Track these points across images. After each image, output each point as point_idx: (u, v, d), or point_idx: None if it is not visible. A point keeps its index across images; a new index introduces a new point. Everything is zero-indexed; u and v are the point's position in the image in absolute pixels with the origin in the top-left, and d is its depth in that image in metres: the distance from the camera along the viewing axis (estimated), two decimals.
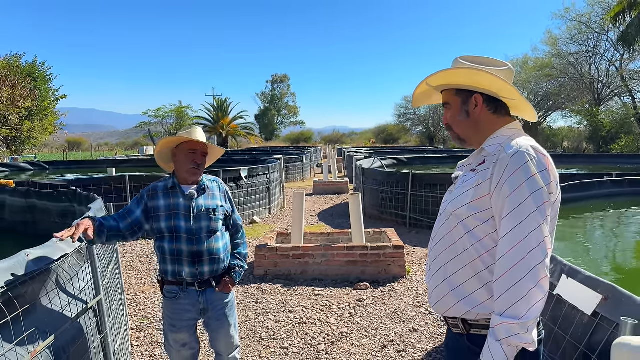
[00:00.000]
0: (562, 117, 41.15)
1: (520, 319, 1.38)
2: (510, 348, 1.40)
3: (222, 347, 2.79)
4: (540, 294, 1.40)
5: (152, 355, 3.89)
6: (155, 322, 4.57)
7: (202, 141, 2.63)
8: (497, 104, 1.66)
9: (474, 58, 1.70)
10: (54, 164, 16.99)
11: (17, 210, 6.17)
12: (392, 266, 5.92)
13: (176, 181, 2.68)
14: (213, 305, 2.69)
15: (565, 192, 6.03)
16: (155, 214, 2.61)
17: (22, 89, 20.30)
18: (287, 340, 4.12)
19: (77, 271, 2.73)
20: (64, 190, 5.43)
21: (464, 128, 1.69)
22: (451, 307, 1.60)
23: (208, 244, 2.61)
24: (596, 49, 32.37)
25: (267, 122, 70.70)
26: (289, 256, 6.05)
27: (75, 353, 2.48)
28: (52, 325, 2.30)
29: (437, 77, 1.67)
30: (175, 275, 2.60)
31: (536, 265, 1.40)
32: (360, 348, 3.99)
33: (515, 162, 1.46)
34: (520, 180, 1.44)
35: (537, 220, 1.42)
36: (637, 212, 5.93)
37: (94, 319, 2.81)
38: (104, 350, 2.88)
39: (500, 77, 1.57)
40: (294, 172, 19.65)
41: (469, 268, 1.56)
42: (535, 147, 1.50)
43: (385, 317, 4.64)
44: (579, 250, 4.32)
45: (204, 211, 2.63)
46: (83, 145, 67.23)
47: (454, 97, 1.70)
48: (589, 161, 17.93)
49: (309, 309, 4.84)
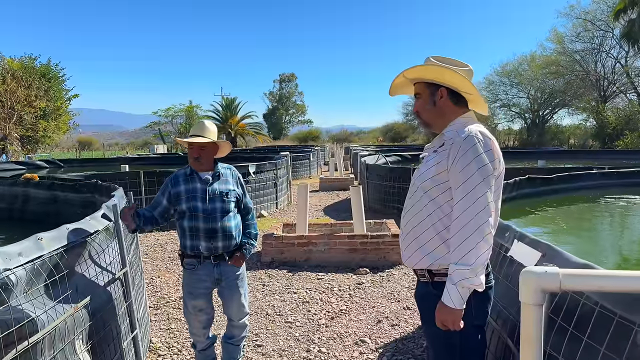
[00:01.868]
0: (569, 115, 41.20)
1: (470, 266, 1.77)
2: (464, 289, 1.79)
3: (234, 314, 3.20)
4: (485, 246, 1.79)
5: (168, 328, 4.32)
6: (171, 301, 4.99)
7: (190, 141, 3.03)
8: (458, 97, 2.04)
9: (443, 58, 2.09)
10: (68, 161, 17.54)
11: (40, 202, 6.63)
12: (390, 253, 6.30)
13: (194, 169, 3.10)
14: (226, 276, 3.10)
15: (555, 184, 6.38)
16: (177, 197, 3.03)
17: (38, 90, 20.90)
18: (291, 316, 4.53)
19: (105, 247, 3.15)
20: (85, 182, 5.86)
21: (430, 115, 2.07)
22: (419, 261, 1.99)
23: (222, 222, 3.02)
24: (602, 46, 32.49)
25: (275, 121, 71.20)
26: (294, 244, 6.45)
27: (106, 315, 2.91)
28: (87, 289, 2.73)
29: (412, 70, 2.06)
30: (194, 249, 3.01)
31: (482, 224, 1.78)
32: (358, 322, 4.38)
33: (466, 144, 1.85)
34: (470, 158, 1.82)
35: (482, 189, 1.81)
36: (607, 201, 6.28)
37: (121, 288, 3.23)
38: (129, 316, 3.31)
39: (460, 74, 1.95)
40: (301, 169, 20.06)
41: (432, 229, 1.95)
42: (482, 132, 1.89)
43: (382, 297, 5.03)
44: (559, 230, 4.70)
45: (218, 194, 3.05)
46: (94, 145, 67.95)
47: (424, 89, 2.08)
48: (591, 157, 18.17)
49: (312, 291, 5.24)
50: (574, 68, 34.26)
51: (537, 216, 5.22)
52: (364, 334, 4.12)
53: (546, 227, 4.85)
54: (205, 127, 3.13)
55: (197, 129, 3.12)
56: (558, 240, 4.25)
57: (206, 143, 3.08)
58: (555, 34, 35.47)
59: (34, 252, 2.29)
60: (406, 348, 3.84)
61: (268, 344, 3.94)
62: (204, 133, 3.09)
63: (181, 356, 3.76)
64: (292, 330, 4.22)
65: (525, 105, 43.64)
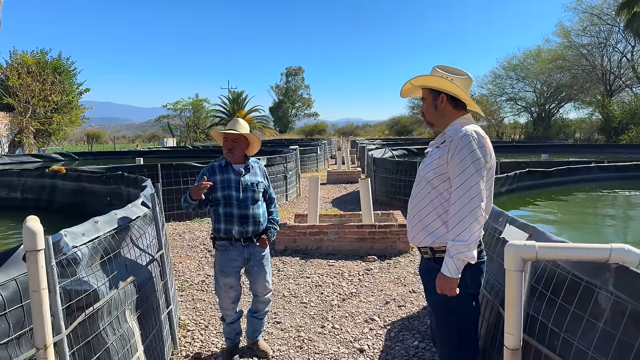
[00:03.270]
0: (575, 109, 41.34)
1: (465, 242, 2.14)
2: (459, 262, 2.16)
3: (259, 289, 3.59)
4: (477, 226, 2.15)
5: (194, 307, 4.72)
6: (194, 284, 5.39)
7: (226, 132, 3.41)
8: (456, 102, 2.40)
9: (446, 67, 2.45)
10: (82, 154, 18.02)
11: (67, 193, 7.04)
12: (397, 242, 6.68)
13: (228, 161, 3.47)
14: (254, 257, 3.49)
15: (554, 177, 6.72)
16: (213, 186, 3.40)
17: (53, 85, 21.38)
18: (305, 297, 4.92)
19: (144, 232, 3.54)
20: (112, 174, 6.26)
21: (433, 116, 2.44)
22: (423, 239, 2.36)
23: (252, 209, 3.42)
24: (608, 40, 32.52)
25: (282, 114, 71.53)
26: (305, 233, 6.84)
27: (148, 290, 3.31)
28: (132, 268, 3.12)
29: (417, 79, 2.44)
30: (227, 233, 3.40)
31: (475, 207, 2.15)
32: (367, 303, 4.76)
33: (463, 141, 2.21)
34: (466, 153, 2.19)
35: (476, 179, 2.17)
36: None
37: (158, 268, 3.63)
38: (165, 293, 3.71)
39: (456, 85, 2.31)
40: (308, 162, 20.43)
41: (433, 212, 2.32)
42: (477, 132, 2.25)
43: (389, 282, 5.41)
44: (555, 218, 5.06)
45: (249, 185, 3.43)
46: (101, 138, 68.41)
47: (428, 95, 2.45)
48: (595, 151, 18.42)
49: (324, 276, 5.63)
50: (580, 62, 34.36)
51: (535, 206, 5.57)
52: (373, 314, 4.50)
53: (541, 215, 5.20)
54: (238, 123, 3.50)
55: (231, 125, 3.49)
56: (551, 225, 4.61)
57: (238, 135, 3.46)
58: (561, 28, 35.58)
59: (93, 233, 2.68)
60: (412, 326, 4.22)
61: (286, 321, 4.34)
62: (238, 128, 3.46)
63: (208, 331, 4.16)
64: (307, 310, 4.61)
65: (532, 99, 43.78)
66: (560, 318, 1.99)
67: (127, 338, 2.83)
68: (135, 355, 2.93)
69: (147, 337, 3.15)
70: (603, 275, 1.80)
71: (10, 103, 20.88)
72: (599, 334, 1.75)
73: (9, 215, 7.17)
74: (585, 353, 1.78)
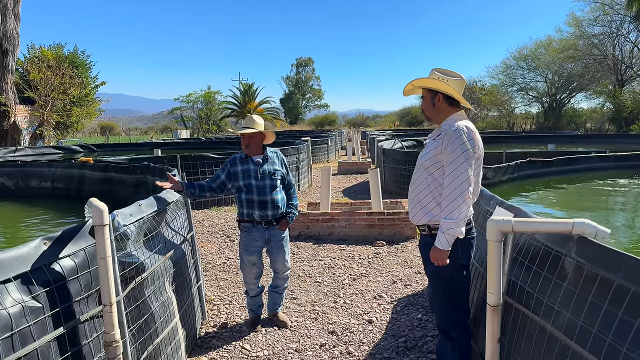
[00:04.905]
0: (586, 98, 41.20)
1: (454, 219, 2.53)
2: (449, 236, 2.56)
3: (279, 267, 4.03)
4: (465, 206, 2.55)
5: (218, 285, 5.18)
6: (217, 265, 5.85)
7: (251, 134, 3.80)
8: (451, 100, 2.78)
9: (443, 70, 2.83)
10: (101, 146, 18.60)
11: (95, 182, 7.52)
12: (405, 229, 7.08)
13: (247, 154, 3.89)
14: (274, 238, 3.92)
15: (554, 166, 7.06)
16: (235, 175, 3.83)
17: (72, 78, 22.00)
18: (319, 277, 5.36)
19: (176, 215, 3.98)
20: (138, 165, 6.72)
21: (431, 113, 2.83)
22: (421, 218, 2.77)
23: (271, 195, 3.83)
24: (619, 30, 32.37)
25: (292, 105, 71.86)
26: (318, 220, 7.26)
27: (182, 266, 3.75)
28: (169, 245, 3.55)
29: (417, 81, 2.83)
30: (249, 216, 3.83)
31: (463, 191, 2.54)
32: (376, 283, 5.18)
33: (455, 135, 2.60)
34: (457, 145, 2.58)
35: (465, 167, 2.56)
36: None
37: (189, 246, 4.07)
38: (195, 269, 4.16)
39: (451, 86, 2.70)
40: (319, 153, 20.82)
41: (429, 195, 2.72)
42: (467, 126, 2.64)
43: (396, 264, 5.82)
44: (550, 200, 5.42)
45: (267, 174, 3.84)
46: (114, 130, 69.18)
47: (427, 94, 2.84)
48: (605, 141, 18.59)
49: (336, 259, 6.05)
50: (592, 52, 34.26)
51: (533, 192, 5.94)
52: (381, 291, 4.92)
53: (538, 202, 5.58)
54: (253, 121, 3.90)
55: (246, 123, 3.89)
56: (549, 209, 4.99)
57: (253, 133, 3.86)
58: (572, 17, 35.45)
59: (138, 214, 3.12)
60: (416, 302, 4.63)
61: (302, 297, 4.77)
62: (252, 125, 3.86)
63: (232, 305, 4.61)
64: (320, 288, 5.04)
65: (543, 89, 43.69)
66: (534, 282, 2.38)
67: (167, 305, 3.28)
68: (173, 321, 3.38)
69: (182, 306, 3.60)
70: (567, 245, 2.18)
71: (32, 96, 21.53)
72: (563, 292, 2.14)
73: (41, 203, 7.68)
74: (552, 308, 2.18)
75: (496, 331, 2.34)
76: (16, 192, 8.40)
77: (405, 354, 3.60)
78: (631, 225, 5.18)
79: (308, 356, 3.61)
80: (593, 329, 1.85)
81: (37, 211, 7.38)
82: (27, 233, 6.40)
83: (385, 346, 3.74)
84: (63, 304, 2.20)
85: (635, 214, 5.64)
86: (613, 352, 1.72)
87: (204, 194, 3.95)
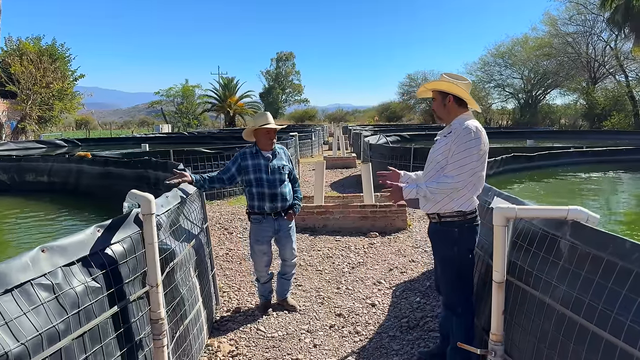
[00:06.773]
0: (560, 95, 42.40)
1: (429, 189, 2.94)
2: (414, 193, 2.99)
3: (287, 255, 4.31)
4: (445, 193, 2.94)
5: (225, 274, 5.43)
6: (220, 257, 6.10)
7: (276, 127, 4.07)
8: (460, 101, 3.10)
9: (452, 75, 3.15)
10: (84, 140, 18.50)
11: (94, 177, 7.65)
12: (396, 220, 7.42)
13: (258, 148, 4.14)
14: (282, 228, 4.19)
15: (537, 161, 7.49)
16: (245, 169, 4.08)
17: (54, 72, 21.75)
18: (320, 266, 5.65)
19: (194, 207, 4.21)
20: (139, 159, 6.89)
21: (442, 113, 3.14)
22: (432, 207, 3.08)
23: (280, 189, 4.10)
24: (593, 29, 33.39)
25: (272, 100, 71.67)
26: (313, 213, 7.54)
27: (201, 254, 3.99)
28: (190, 235, 3.79)
29: (431, 84, 3.15)
30: (260, 209, 4.09)
31: (456, 182, 2.88)
32: (373, 271, 5.50)
33: (464, 132, 2.91)
34: (465, 140, 2.89)
35: (468, 161, 2.89)
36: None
37: (205, 236, 4.31)
38: (210, 259, 4.41)
39: (462, 88, 3.01)
40: (303, 148, 21.05)
41: None
42: (476, 126, 2.95)
43: (391, 253, 6.15)
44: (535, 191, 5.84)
45: (276, 168, 4.11)
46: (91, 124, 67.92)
47: (438, 95, 3.15)
48: (579, 137, 19.29)
49: (333, 249, 6.36)
50: (566, 50, 35.24)
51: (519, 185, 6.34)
52: (379, 278, 5.24)
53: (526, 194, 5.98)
54: (269, 117, 4.16)
55: (264, 120, 4.11)
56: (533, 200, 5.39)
57: (278, 127, 4.12)
58: (548, 16, 36.37)
59: (167, 205, 3.36)
60: (413, 287, 4.97)
61: (306, 284, 5.07)
62: (272, 120, 4.12)
63: (241, 292, 4.88)
64: (322, 276, 5.34)
65: (519, 86, 44.73)
66: (533, 261, 2.72)
67: (192, 290, 3.54)
68: (197, 305, 3.64)
69: (202, 291, 3.86)
70: (563, 229, 2.52)
71: (13, 90, 21.22)
72: (559, 269, 2.48)
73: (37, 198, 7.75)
74: (550, 283, 2.51)
75: (501, 304, 2.67)
76: (12, 187, 8.43)
77: (408, 332, 3.93)
78: (612, 211, 5.64)
79: (319, 336, 3.91)
80: (586, 298, 2.18)
81: (32, 206, 7.46)
82: (19, 228, 6.46)
83: (390, 326, 4.06)
84: (116, 285, 2.44)
85: (614, 202, 6.10)
86: (604, 317, 2.05)
87: (214, 186, 4.18)
